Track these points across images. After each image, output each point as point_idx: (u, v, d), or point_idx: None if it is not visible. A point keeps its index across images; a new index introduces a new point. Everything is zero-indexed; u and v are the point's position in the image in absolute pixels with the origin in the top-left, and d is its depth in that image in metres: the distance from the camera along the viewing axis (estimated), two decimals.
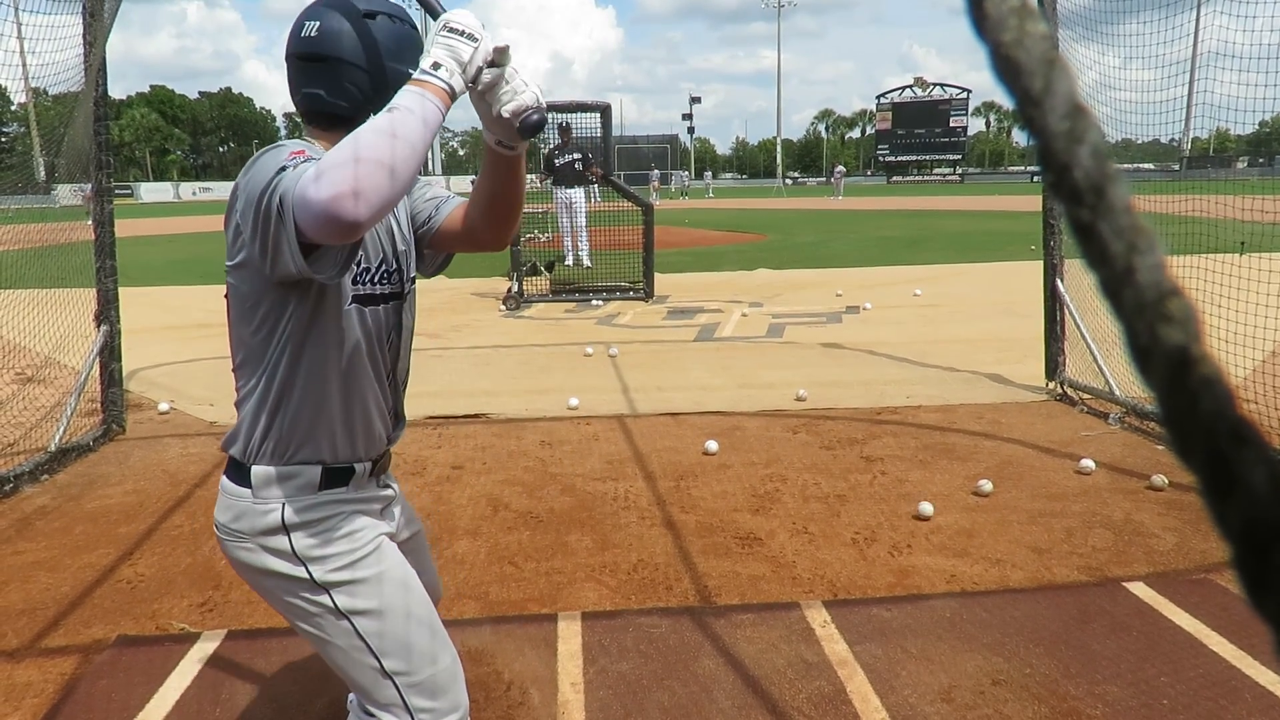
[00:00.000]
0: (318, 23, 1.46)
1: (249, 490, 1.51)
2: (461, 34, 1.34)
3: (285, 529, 1.51)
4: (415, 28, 1.57)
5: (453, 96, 1.34)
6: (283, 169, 1.30)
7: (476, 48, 1.35)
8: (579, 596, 3.10)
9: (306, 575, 1.52)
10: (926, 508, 3.75)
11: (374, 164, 1.19)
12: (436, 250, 1.74)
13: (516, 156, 1.54)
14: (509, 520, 3.78)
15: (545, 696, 2.51)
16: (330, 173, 1.19)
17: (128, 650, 2.78)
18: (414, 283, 1.71)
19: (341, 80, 1.46)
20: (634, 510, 3.87)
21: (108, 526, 3.77)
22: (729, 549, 3.46)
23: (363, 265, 1.52)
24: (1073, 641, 2.72)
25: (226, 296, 1.50)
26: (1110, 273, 0.36)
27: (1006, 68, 0.39)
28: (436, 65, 1.32)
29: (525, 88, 1.40)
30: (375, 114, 1.48)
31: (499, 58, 1.38)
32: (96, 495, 4.16)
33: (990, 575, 3.20)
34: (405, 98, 1.30)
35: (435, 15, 1.42)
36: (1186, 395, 0.34)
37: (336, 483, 1.55)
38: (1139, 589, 3.03)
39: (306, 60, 1.48)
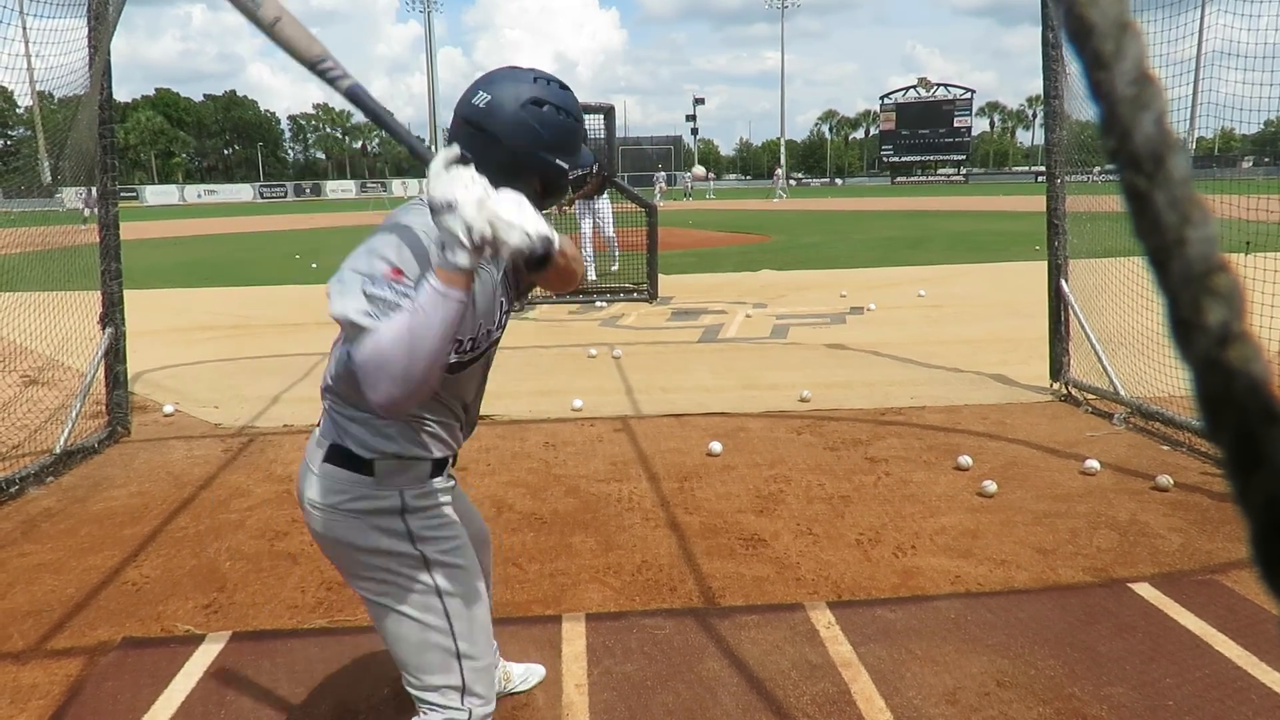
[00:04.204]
0: (490, 96, 1.56)
1: (371, 478, 1.65)
2: (439, 208, 1.35)
3: (403, 511, 1.67)
4: (579, 120, 1.63)
5: (468, 271, 1.37)
6: (370, 278, 1.40)
7: (457, 213, 1.35)
8: (583, 598, 3.10)
9: (417, 552, 1.67)
10: (966, 460, 4.25)
11: (418, 375, 1.37)
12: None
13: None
14: (513, 521, 3.79)
15: (550, 698, 2.51)
16: (387, 383, 1.36)
17: (133, 652, 2.78)
18: (503, 328, 1.78)
19: (489, 153, 1.52)
20: (638, 511, 3.87)
21: (113, 529, 3.78)
22: (733, 550, 3.46)
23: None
24: (1078, 643, 2.71)
25: None
26: (1160, 243, 0.36)
27: (1079, 29, 0.38)
28: (443, 247, 1.39)
29: (509, 225, 1.36)
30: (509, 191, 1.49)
31: (443, 209, 1.35)
32: (101, 497, 4.17)
33: (995, 576, 3.19)
34: (425, 298, 1.36)
35: (423, 161, 1.45)
36: (1222, 370, 0.34)
37: (437, 473, 1.74)
38: (1144, 590, 3.02)
39: (467, 124, 1.58)
